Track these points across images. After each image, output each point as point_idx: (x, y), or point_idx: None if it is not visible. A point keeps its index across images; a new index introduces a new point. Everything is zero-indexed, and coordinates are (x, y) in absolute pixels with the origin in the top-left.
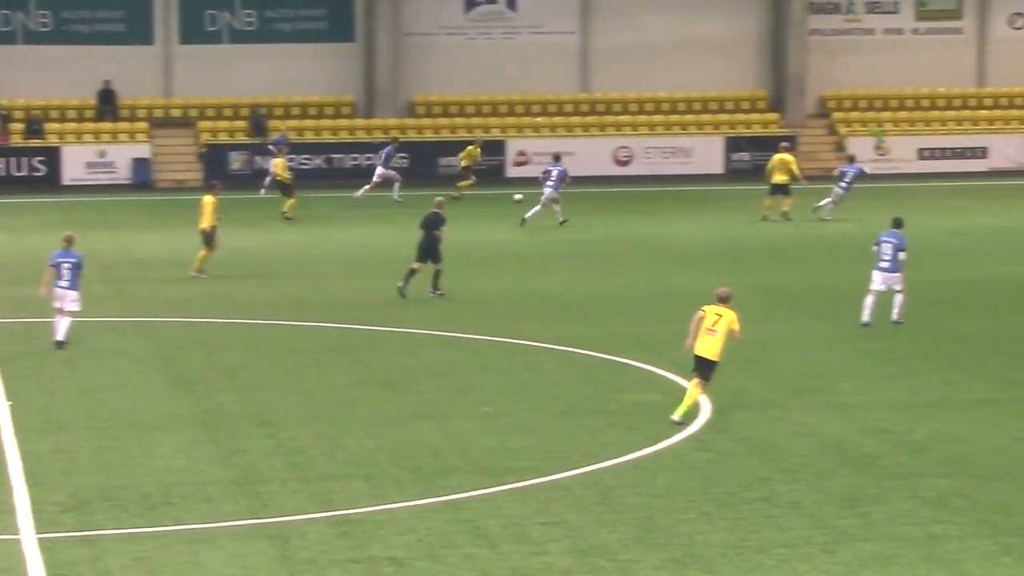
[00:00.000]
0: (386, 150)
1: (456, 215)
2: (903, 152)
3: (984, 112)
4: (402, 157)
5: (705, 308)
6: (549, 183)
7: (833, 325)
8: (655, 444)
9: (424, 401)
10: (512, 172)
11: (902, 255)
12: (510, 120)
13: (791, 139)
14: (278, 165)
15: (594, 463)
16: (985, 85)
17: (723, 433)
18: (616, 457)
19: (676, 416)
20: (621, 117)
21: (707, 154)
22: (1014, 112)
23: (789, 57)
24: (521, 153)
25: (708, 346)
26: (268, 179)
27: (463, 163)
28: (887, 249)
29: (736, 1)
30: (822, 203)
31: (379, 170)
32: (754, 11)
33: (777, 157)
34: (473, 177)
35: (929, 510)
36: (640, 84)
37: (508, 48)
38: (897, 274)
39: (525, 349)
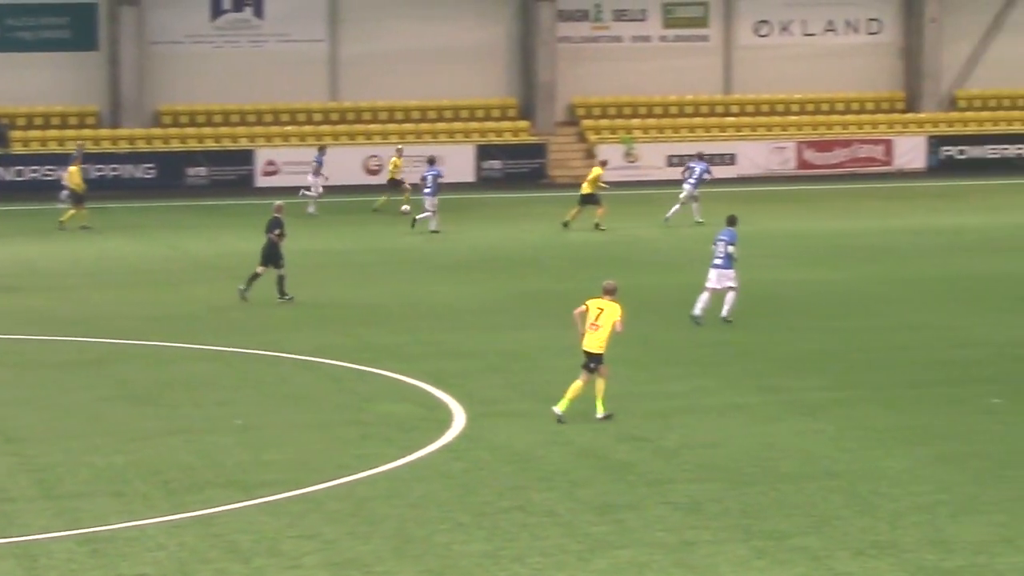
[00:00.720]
0: (316, 158)
1: (208, 225)
2: (652, 159)
3: (731, 119)
4: (148, 168)
5: (588, 302)
6: (426, 190)
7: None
8: (409, 455)
9: (176, 415)
10: (262, 182)
11: (731, 249)
12: (259, 130)
13: (542, 147)
14: (72, 175)
15: (348, 475)
16: (732, 92)
17: (478, 442)
18: (370, 468)
19: (600, 413)
20: (371, 126)
21: (458, 162)
22: (760, 119)
23: (539, 65)
24: (270, 163)
25: (593, 340)
26: (64, 192)
27: (389, 175)
28: (720, 247)
29: (486, 9)
30: (670, 213)
31: (310, 178)
32: (503, 19)
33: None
34: (407, 187)
35: (682, 516)
36: (390, 92)
37: (256, 56)
38: (730, 271)
39: (278, 360)
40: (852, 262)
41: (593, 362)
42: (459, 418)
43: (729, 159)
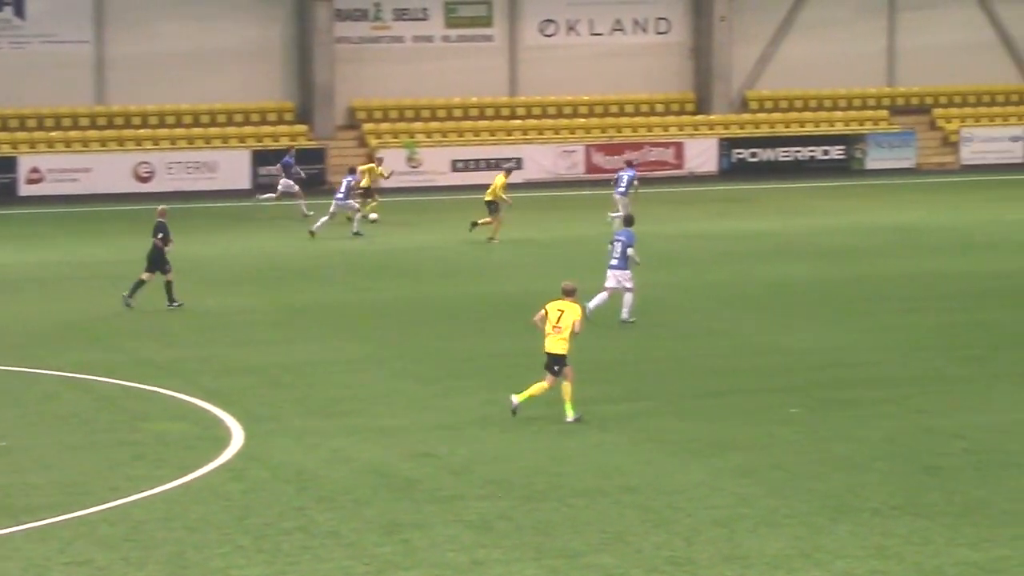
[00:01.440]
0: (284, 160)
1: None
2: (436, 164)
3: (517, 122)
4: None
5: (548, 305)
6: (338, 195)
7: (368, 346)
8: (186, 475)
9: None
10: (26, 191)
11: (630, 251)
12: (21, 135)
13: (321, 152)
14: None
15: (121, 497)
16: (518, 94)
17: (257, 461)
18: (144, 490)
19: (569, 416)
20: (141, 131)
21: (233, 169)
22: (548, 122)
23: (316, 66)
24: (35, 170)
25: (556, 344)
26: None
27: (364, 183)
28: (617, 247)
29: (260, 9)
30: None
31: (282, 182)
32: (278, 19)
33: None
34: (375, 197)
35: (472, 534)
36: (160, 96)
37: (17, 58)
38: (627, 271)
39: (41, 378)
40: (644, 268)
41: (557, 364)
42: (237, 436)
43: (516, 163)
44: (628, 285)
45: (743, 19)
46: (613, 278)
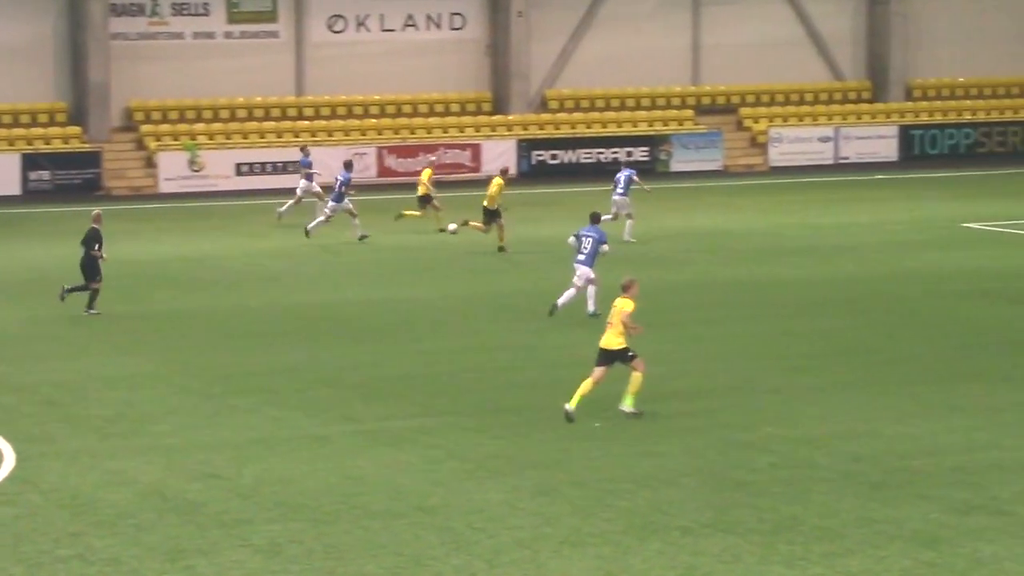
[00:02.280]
0: (302, 160)
1: None
2: (220, 167)
3: (305, 123)
4: None
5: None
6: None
7: (147, 361)
8: None
9: None
10: None
11: (604, 247)
12: None
13: (96, 155)
14: None
15: None
16: (305, 93)
17: (30, 485)
18: None
19: (627, 407)
20: None
21: (1, 173)
22: (337, 122)
23: (90, 64)
24: None
25: (608, 338)
26: None
27: (420, 190)
28: (587, 243)
29: (29, 2)
30: (626, 235)
31: (302, 183)
32: (49, 14)
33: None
34: (428, 208)
35: (261, 559)
36: None
37: None
38: (590, 268)
39: None
40: (434, 279)
41: (609, 358)
42: (8, 459)
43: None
44: (591, 276)
45: (542, 14)
46: (581, 274)
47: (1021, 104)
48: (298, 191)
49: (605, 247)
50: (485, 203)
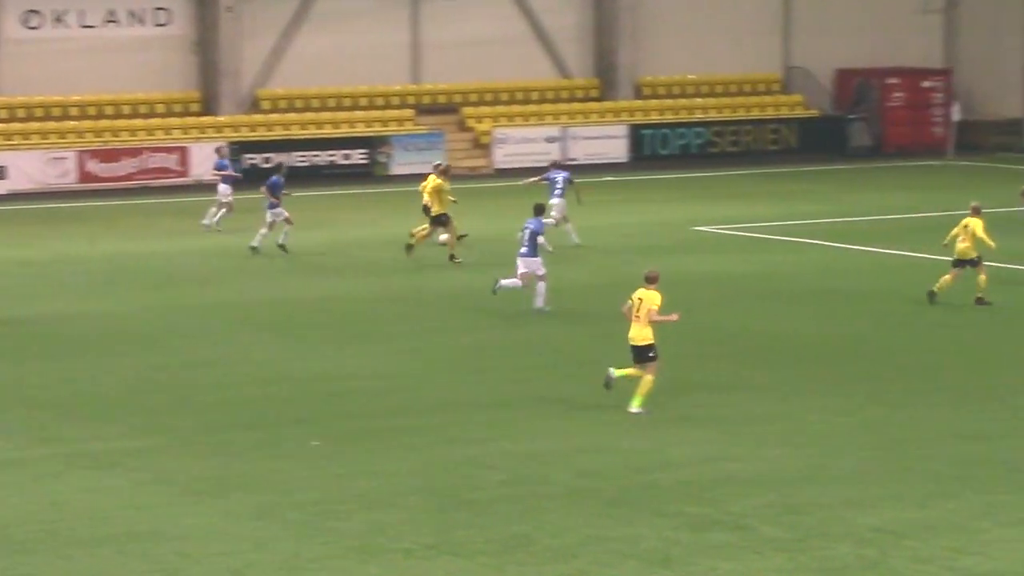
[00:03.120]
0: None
1: None
2: None
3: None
4: None
5: (634, 294)
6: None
7: None
8: None
9: None
10: None
11: (541, 239)
12: None
13: None
14: None
15: None
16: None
17: None
18: None
19: (634, 407)
20: None
21: None
22: (33, 125)
23: None
24: None
25: (635, 332)
26: None
27: (426, 201)
28: (526, 235)
29: None
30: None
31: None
32: None
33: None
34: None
35: None
36: None
37: None
38: (537, 259)
39: None
40: (137, 290)
41: (639, 356)
42: None
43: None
44: (540, 272)
45: (253, 10)
46: (523, 266)
47: (754, 102)
48: (220, 198)
49: (540, 239)
50: (431, 207)
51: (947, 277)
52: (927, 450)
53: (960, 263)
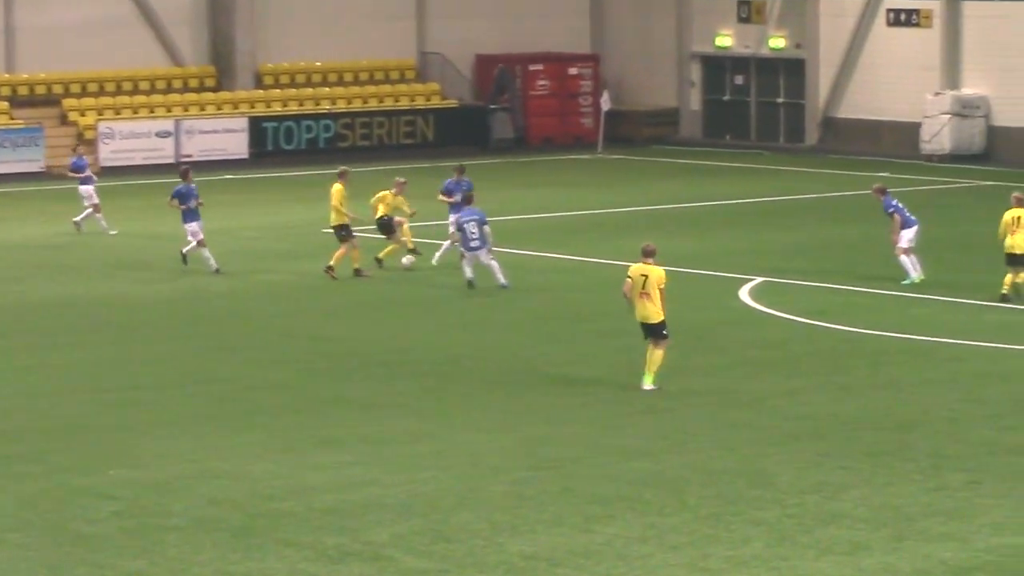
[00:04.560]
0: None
1: None
2: None
3: None
4: None
5: (631, 271)
6: None
7: None
8: None
9: None
10: None
11: (486, 228)
12: None
13: None
14: None
15: None
16: None
17: None
18: None
19: (647, 384)
20: None
21: None
22: None
23: None
24: None
25: (647, 310)
26: None
27: (379, 212)
28: (472, 227)
29: None
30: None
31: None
32: None
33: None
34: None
35: None
36: None
37: None
38: (485, 248)
39: None
40: None
41: (653, 333)
42: None
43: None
44: (490, 259)
45: None
46: (473, 259)
47: (387, 92)
48: (85, 200)
49: (486, 228)
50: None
51: (1009, 276)
52: (589, 469)
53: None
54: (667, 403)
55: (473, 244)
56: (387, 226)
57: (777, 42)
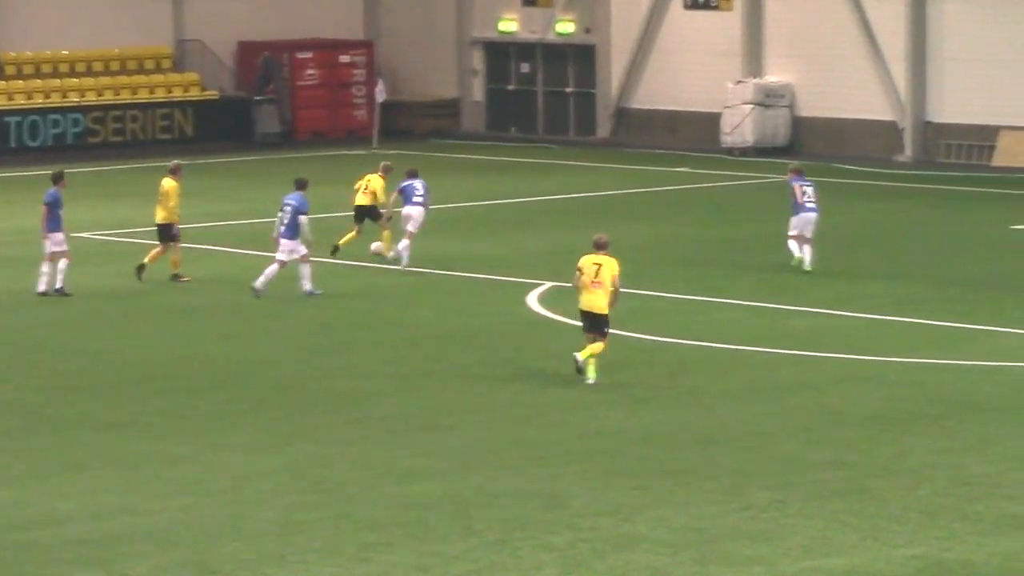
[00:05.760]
0: None
1: None
2: None
3: None
4: None
5: (582, 262)
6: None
7: None
8: None
9: None
10: None
11: (302, 218)
12: None
13: None
14: None
15: None
16: None
17: None
18: None
19: (591, 378)
20: None
21: None
22: None
23: None
24: None
25: (595, 299)
26: None
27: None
28: (287, 213)
29: None
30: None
31: None
32: None
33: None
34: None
35: None
36: None
37: None
38: (296, 240)
39: None
40: None
41: (594, 326)
42: None
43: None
44: (301, 252)
45: None
46: (284, 249)
47: (142, 82)
48: None
49: (302, 218)
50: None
51: None
52: (365, 493)
53: None
54: (449, 420)
55: (280, 230)
56: (373, 214)
57: (565, 27)
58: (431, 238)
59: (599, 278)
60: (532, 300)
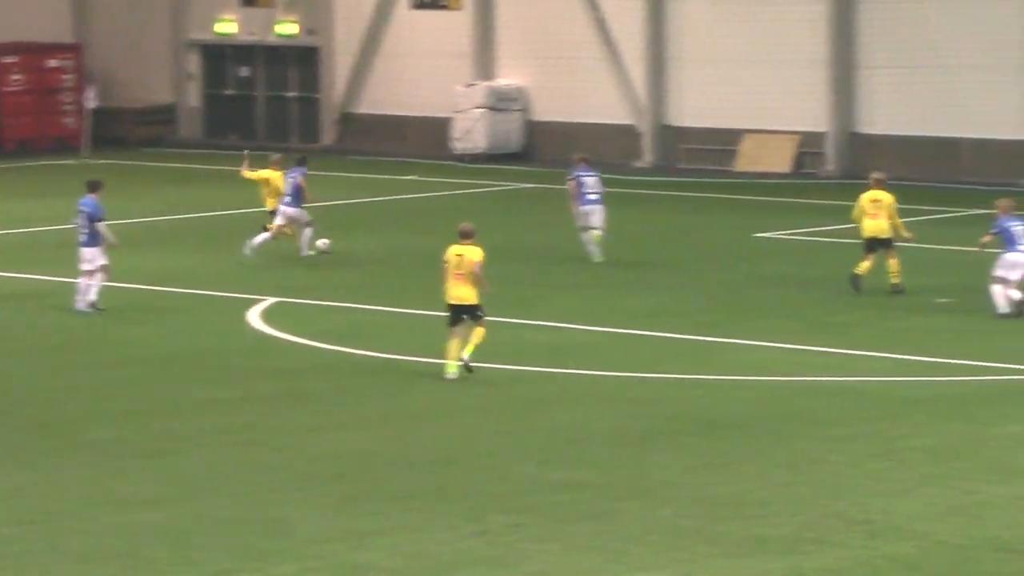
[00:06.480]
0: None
1: None
2: None
3: None
4: None
5: (447, 255)
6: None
7: None
8: None
9: None
10: None
11: (99, 225)
12: None
13: None
14: None
15: None
16: None
17: None
18: None
19: (452, 373)
20: None
21: None
22: None
23: None
24: None
25: (461, 291)
26: None
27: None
28: (81, 220)
29: None
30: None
31: None
32: None
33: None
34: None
35: None
36: None
37: None
38: (97, 248)
39: None
40: None
41: (464, 314)
42: None
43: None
44: (99, 263)
45: None
46: (85, 259)
47: None
48: None
49: (100, 225)
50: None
51: (867, 263)
52: (79, 523)
53: None
54: (173, 444)
55: (79, 238)
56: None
57: (287, 28)
58: (144, 253)
59: (461, 269)
60: (254, 317)
